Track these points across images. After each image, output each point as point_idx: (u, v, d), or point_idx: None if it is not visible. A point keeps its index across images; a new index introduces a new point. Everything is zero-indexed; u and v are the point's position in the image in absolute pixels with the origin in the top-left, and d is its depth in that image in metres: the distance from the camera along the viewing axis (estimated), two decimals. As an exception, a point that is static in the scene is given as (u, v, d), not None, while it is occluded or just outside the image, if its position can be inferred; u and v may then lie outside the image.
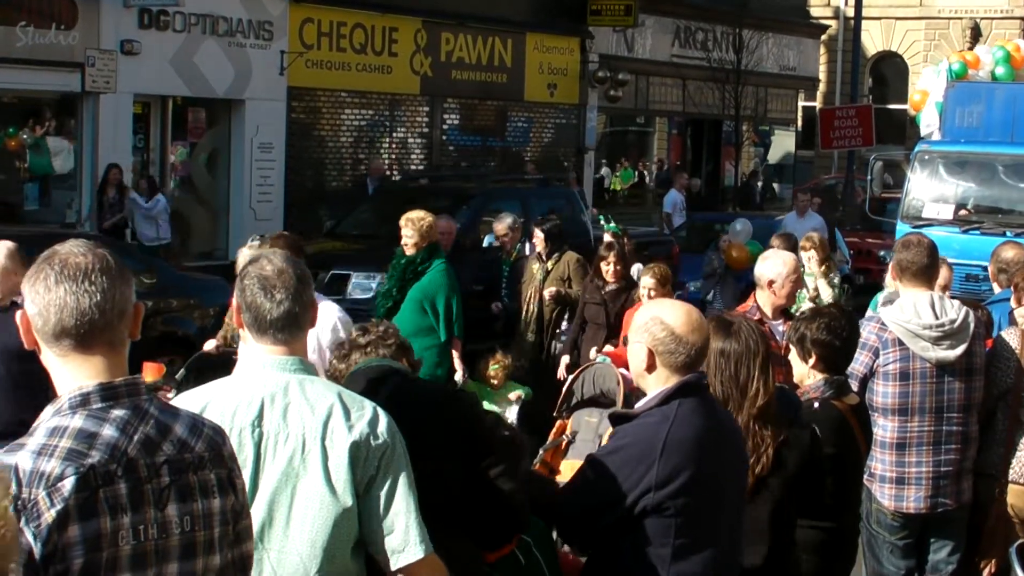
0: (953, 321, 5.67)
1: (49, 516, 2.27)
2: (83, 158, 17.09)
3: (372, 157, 20.42)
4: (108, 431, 2.38)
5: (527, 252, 11.35)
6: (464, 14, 21.57)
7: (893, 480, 5.74)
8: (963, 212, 15.32)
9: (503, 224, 11.37)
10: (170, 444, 2.46)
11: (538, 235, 10.54)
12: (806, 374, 5.05)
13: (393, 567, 3.18)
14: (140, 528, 2.36)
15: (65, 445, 2.34)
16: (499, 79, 22.72)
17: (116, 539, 2.33)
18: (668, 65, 26.63)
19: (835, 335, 4.98)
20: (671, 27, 26.66)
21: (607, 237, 10.97)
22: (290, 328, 3.22)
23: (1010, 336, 6.02)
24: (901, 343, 5.66)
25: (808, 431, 4.55)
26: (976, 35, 32.38)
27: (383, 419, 3.19)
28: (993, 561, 5.94)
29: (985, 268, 12.70)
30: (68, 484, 2.30)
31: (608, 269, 9.52)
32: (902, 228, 14.78)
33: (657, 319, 3.78)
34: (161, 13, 17.30)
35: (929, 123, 17.45)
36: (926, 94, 17.96)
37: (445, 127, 22.28)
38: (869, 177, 17.81)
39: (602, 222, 11.68)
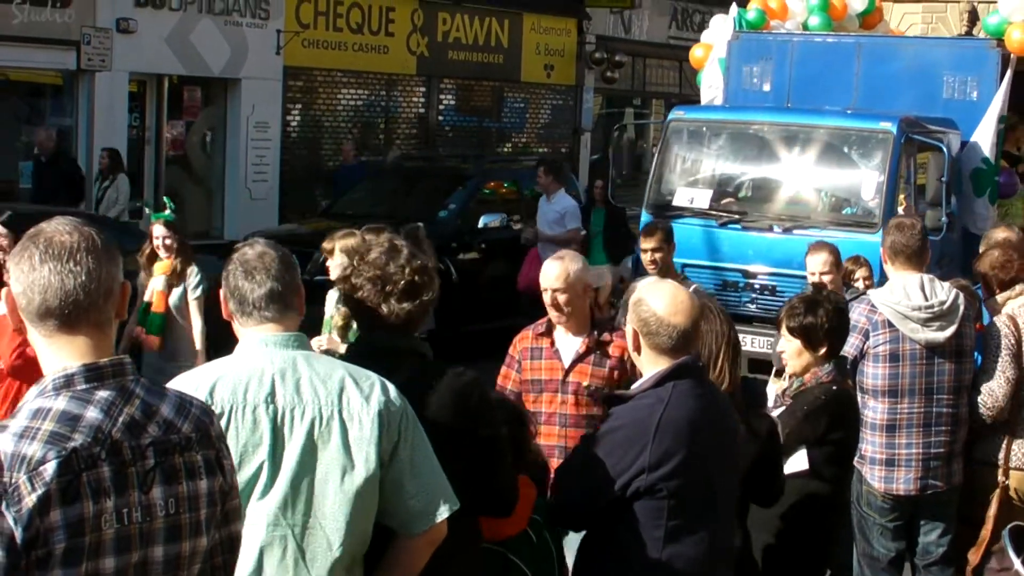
0: (943, 303, 5.69)
1: (30, 500, 2.22)
2: (79, 137, 17.05)
3: (41, 132, 16.06)
4: (92, 413, 2.34)
5: None
6: (461, -6, 21.54)
7: (883, 462, 5.77)
8: (727, 200, 11.43)
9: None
10: (156, 425, 2.41)
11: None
12: (814, 361, 4.99)
13: (419, 531, 3.19)
14: (124, 512, 2.32)
15: (47, 428, 2.29)
16: (496, 60, 22.66)
17: (99, 523, 2.29)
18: (665, 47, 26.56)
19: (843, 319, 5.06)
20: (668, 9, 26.58)
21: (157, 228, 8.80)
22: (275, 306, 3.24)
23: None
24: (891, 325, 5.67)
25: (767, 421, 4.52)
26: (973, 19, 32.30)
27: (390, 386, 3.24)
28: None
29: (746, 274, 10.39)
30: (50, 468, 2.25)
31: None
32: (646, 219, 11.07)
33: (642, 300, 3.80)
34: (157, -9, 17.25)
35: (712, 84, 13.32)
36: (709, 48, 13.83)
37: (441, 107, 22.23)
38: (610, 152, 13.77)
39: (147, 210, 9.40)
